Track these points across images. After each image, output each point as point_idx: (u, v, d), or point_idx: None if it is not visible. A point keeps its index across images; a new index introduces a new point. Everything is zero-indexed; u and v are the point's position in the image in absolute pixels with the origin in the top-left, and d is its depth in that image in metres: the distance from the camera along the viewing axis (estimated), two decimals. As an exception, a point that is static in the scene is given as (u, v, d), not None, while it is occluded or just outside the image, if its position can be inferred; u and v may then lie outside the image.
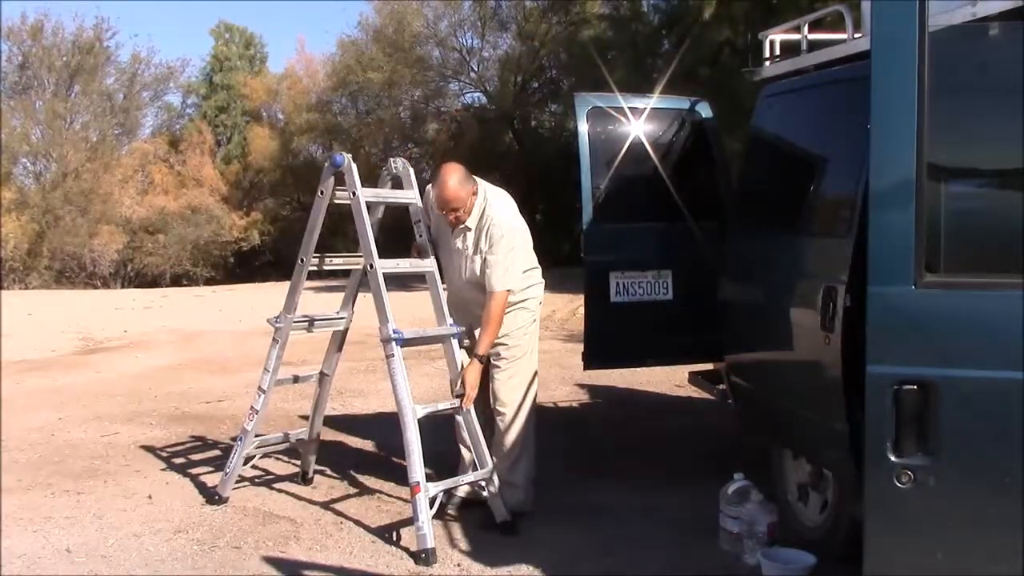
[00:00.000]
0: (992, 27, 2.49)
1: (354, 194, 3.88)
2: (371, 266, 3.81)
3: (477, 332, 3.94)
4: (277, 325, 4.20)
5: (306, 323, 4.34)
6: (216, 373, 8.02)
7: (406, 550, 3.67)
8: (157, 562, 3.61)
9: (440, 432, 4.02)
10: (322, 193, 4.05)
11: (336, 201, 4.06)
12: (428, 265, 4.06)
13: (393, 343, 3.71)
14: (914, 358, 1.91)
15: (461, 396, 3.88)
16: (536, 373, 4.12)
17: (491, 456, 3.94)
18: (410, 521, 3.98)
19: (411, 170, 4.16)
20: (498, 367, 4.01)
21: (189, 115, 33.86)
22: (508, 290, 3.85)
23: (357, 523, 4.00)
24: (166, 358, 9.08)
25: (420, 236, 4.10)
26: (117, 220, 27.18)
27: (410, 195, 4.12)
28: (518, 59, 23.34)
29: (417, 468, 3.60)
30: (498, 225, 3.87)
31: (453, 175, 3.84)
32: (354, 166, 3.89)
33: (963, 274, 1.99)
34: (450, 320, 4.00)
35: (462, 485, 3.98)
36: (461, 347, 4.03)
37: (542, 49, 22.94)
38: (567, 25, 21.32)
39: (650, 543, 3.73)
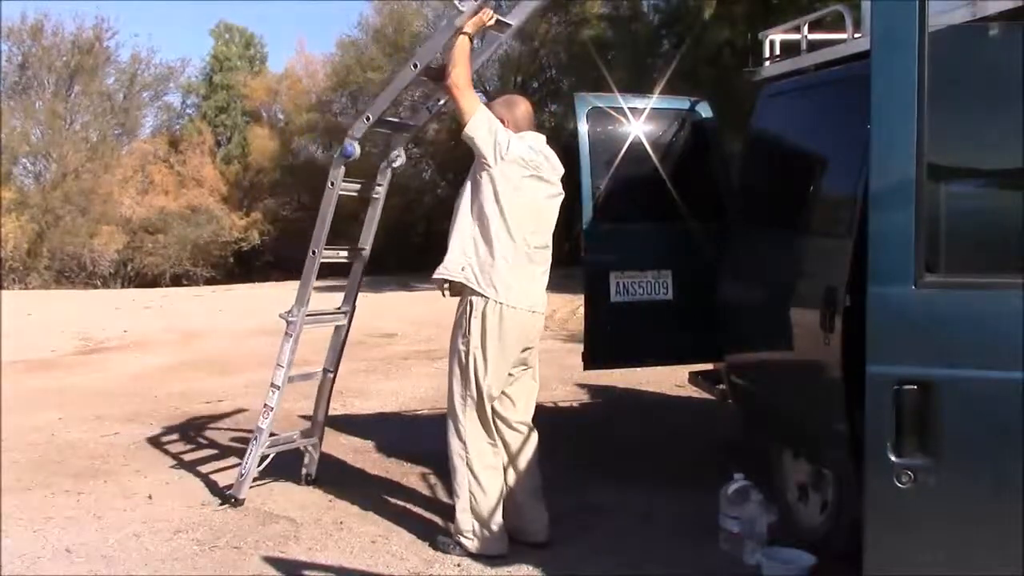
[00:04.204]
0: (992, 27, 2.49)
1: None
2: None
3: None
4: (290, 320, 4.17)
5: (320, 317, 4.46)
6: (216, 373, 8.02)
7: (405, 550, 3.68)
8: (157, 562, 3.61)
9: (441, 431, 4.00)
10: (332, 184, 4.13)
11: (342, 192, 4.18)
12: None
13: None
14: (914, 358, 1.91)
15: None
16: None
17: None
18: (407, 523, 3.99)
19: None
20: (529, 373, 3.80)
21: (189, 115, 33.83)
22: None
23: (357, 523, 4.00)
24: (166, 358, 9.07)
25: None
26: (117, 220, 27.15)
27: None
28: (518, 59, 23.33)
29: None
30: None
31: None
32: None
33: (963, 274, 1.99)
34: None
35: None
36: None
37: (542, 49, 22.94)
38: (567, 25, 21.31)
39: (650, 543, 3.73)
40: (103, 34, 28.94)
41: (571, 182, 3.99)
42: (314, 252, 4.17)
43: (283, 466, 4.49)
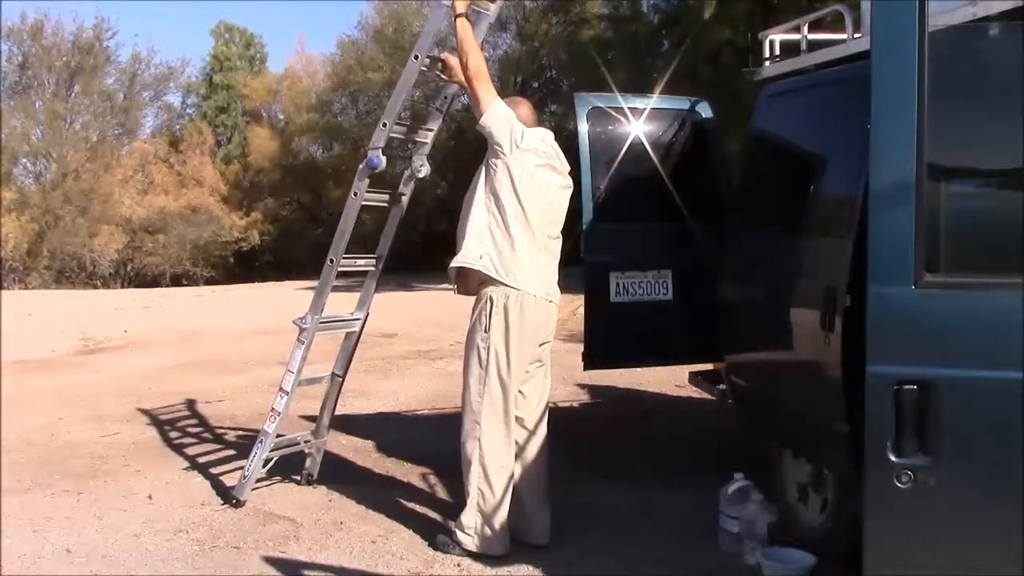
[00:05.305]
0: (992, 27, 2.49)
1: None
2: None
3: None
4: (303, 326, 4.13)
5: (332, 323, 4.40)
6: (216, 373, 8.02)
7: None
8: (157, 562, 3.61)
9: (441, 431, 4.03)
10: (355, 195, 4.10)
11: (366, 203, 4.16)
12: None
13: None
14: (914, 358, 1.91)
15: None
16: None
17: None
18: (407, 523, 3.99)
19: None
20: (543, 371, 3.81)
21: (189, 115, 33.93)
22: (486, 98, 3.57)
23: (357, 523, 4.00)
24: (166, 358, 9.07)
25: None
26: (117, 220, 27.20)
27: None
28: (518, 59, 23.36)
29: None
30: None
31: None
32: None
33: (963, 274, 1.99)
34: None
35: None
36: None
37: (542, 49, 22.97)
38: (567, 25, 21.35)
39: (650, 543, 3.73)
40: (103, 34, 29.08)
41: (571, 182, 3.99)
42: (332, 261, 4.13)
43: (283, 466, 4.49)
